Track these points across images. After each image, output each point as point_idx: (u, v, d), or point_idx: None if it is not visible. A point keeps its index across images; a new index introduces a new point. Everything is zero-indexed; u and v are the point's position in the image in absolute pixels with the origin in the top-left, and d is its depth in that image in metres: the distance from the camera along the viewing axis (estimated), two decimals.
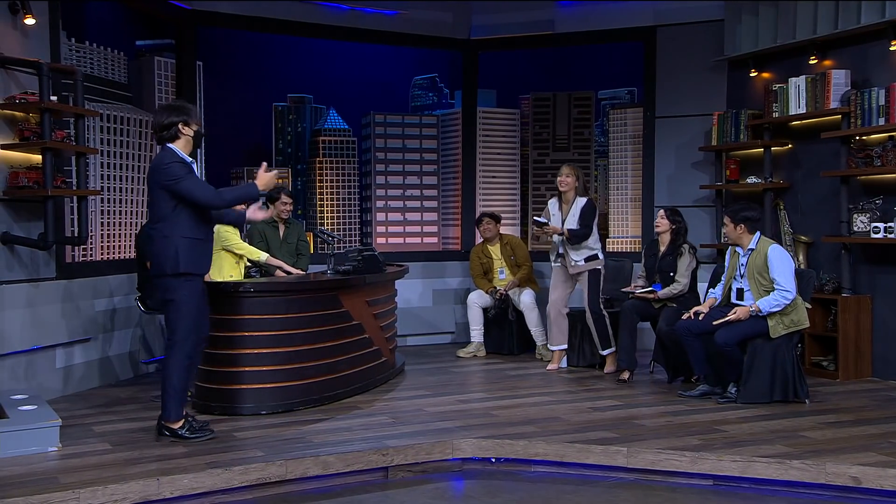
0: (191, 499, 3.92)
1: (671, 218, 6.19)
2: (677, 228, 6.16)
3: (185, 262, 4.41)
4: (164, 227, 4.44)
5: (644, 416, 5.06)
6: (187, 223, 4.43)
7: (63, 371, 5.71)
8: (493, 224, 7.48)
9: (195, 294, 4.50)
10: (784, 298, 5.24)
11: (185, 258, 4.41)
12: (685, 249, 6.11)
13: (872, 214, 5.99)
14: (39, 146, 5.16)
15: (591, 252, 6.48)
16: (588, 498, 4.07)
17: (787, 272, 5.28)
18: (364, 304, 5.82)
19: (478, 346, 7.34)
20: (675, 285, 6.07)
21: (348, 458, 4.27)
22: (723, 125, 7.18)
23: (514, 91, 8.74)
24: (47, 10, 5.56)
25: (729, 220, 5.50)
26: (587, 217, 6.43)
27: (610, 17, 7.85)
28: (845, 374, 6.10)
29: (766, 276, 5.33)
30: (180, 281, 4.43)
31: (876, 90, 5.93)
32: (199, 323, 4.55)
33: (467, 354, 7.30)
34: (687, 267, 6.05)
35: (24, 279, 5.36)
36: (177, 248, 4.40)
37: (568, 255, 6.47)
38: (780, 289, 5.25)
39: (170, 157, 4.43)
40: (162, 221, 4.45)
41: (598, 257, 6.50)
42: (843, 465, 4.02)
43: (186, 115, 4.49)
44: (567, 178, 6.49)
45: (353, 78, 8.47)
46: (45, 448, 4.31)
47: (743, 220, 5.44)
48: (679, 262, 6.12)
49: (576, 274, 6.53)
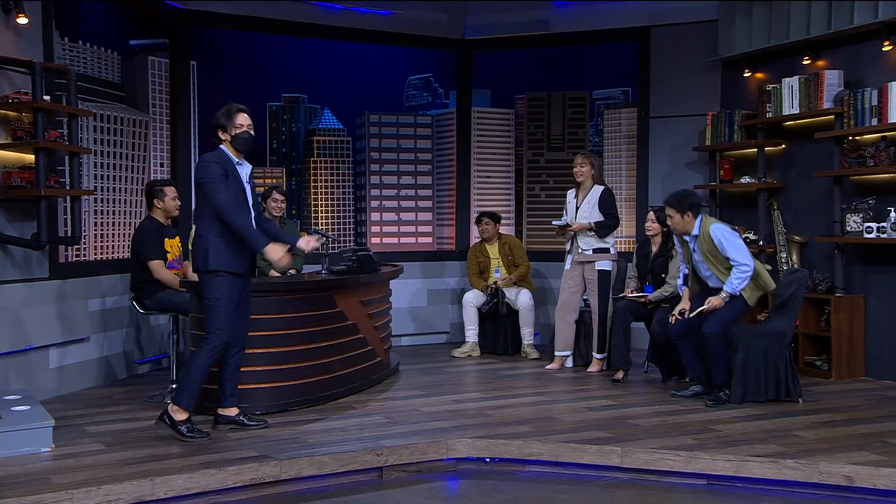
0: (185, 499, 3.91)
1: (661, 220, 6.15)
2: (668, 230, 6.08)
3: (214, 259, 4.49)
4: (200, 224, 4.58)
5: (638, 415, 5.07)
6: (217, 223, 4.50)
7: (56, 371, 5.69)
8: (493, 224, 7.48)
9: (226, 292, 4.52)
10: (745, 273, 5.28)
11: (214, 256, 4.49)
12: (676, 251, 6.07)
13: (865, 214, 6.01)
14: (32, 146, 5.14)
15: (603, 244, 6.41)
16: (582, 498, 4.07)
17: (737, 247, 5.32)
18: (359, 304, 5.82)
19: (472, 345, 7.35)
20: (667, 287, 6.08)
21: (343, 459, 4.27)
22: (717, 125, 7.19)
23: (509, 91, 8.75)
24: (40, 10, 5.54)
25: (675, 211, 5.42)
26: (607, 206, 6.38)
27: (604, 18, 7.87)
28: (838, 374, 6.12)
29: (718, 256, 5.37)
30: (210, 277, 4.51)
31: (869, 90, 5.95)
32: (230, 322, 4.55)
33: (462, 354, 7.30)
34: (678, 269, 6.02)
35: (18, 279, 5.34)
36: (207, 246, 4.50)
37: (576, 243, 6.44)
38: (737, 265, 5.29)
39: (211, 157, 4.56)
40: (199, 219, 4.59)
41: (608, 251, 6.41)
42: (837, 465, 4.04)
43: (225, 120, 4.60)
44: (581, 167, 6.46)
45: (347, 78, 8.46)
46: (39, 448, 4.30)
47: (689, 207, 5.42)
48: (671, 264, 6.12)
49: (583, 263, 6.43)
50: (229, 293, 4.54)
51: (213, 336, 4.52)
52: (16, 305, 5.29)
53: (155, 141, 7.02)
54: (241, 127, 4.62)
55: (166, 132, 7.10)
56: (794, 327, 5.60)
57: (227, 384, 4.76)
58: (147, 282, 5.56)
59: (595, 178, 6.47)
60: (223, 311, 4.52)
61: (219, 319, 4.51)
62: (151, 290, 5.56)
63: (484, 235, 7.50)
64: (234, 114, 4.62)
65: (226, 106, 4.67)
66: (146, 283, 5.56)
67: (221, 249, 4.50)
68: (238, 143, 4.61)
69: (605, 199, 6.41)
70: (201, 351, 4.54)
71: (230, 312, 4.55)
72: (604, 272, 6.42)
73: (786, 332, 5.44)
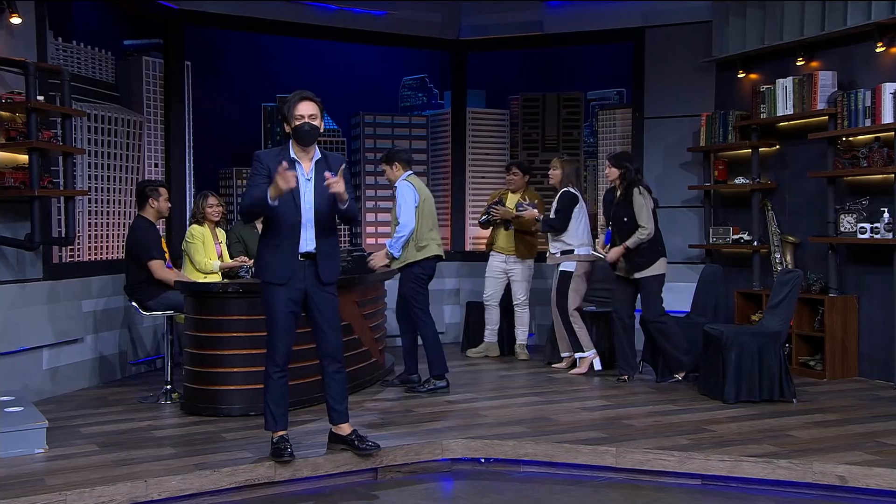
0: (179, 500, 3.90)
1: (617, 163, 6.05)
2: (624, 173, 5.99)
3: (258, 267, 4.23)
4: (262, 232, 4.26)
5: (633, 416, 5.08)
6: (267, 227, 4.17)
7: (50, 372, 5.67)
8: (520, 176, 7.08)
9: (273, 302, 4.11)
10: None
11: (258, 263, 4.22)
12: (637, 192, 5.90)
13: (859, 215, 6.03)
14: (26, 146, 5.13)
15: (567, 247, 6.45)
16: (577, 498, 4.08)
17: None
18: (353, 305, 5.81)
19: (488, 346, 7.24)
20: (641, 231, 5.86)
21: (337, 460, 4.26)
22: (711, 126, 7.21)
23: (504, 91, 8.76)
24: (34, 10, 5.52)
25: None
26: (558, 206, 6.44)
27: (599, 18, 7.87)
28: (832, 374, 6.13)
29: None
30: (263, 286, 4.17)
31: (862, 91, 5.97)
32: (283, 338, 4.13)
33: (477, 354, 7.26)
34: (645, 209, 5.86)
35: (11, 280, 5.32)
36: (257, 254, 4.25)
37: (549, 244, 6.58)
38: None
39: (258, 155, 4.18)
40: None
41: (572, 252, 6.42)
42: (830, 465, 4.05)
43: (286, 111, 4.10)
44: (553, 170, 6.60)
45: (342, 78, 8.46)
46: (32, 450, 4.28)
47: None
48: (634, 208, 5.91)
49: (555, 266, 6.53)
50: (276, 304, 4.10)
51: (271, 352, 4.15)
52: (9, 306, 5.27)
53: (149, 141, 7.00)
54: (302, 118, 4.07)
55: (160, 132, 7.09)
56: (787, 327, 5.62)
57: (326, 400, 4.32)
58: (149, 282, 5.53)
59: (564, 181, 6.50)
60: (270, 326, 4.14)
61: (272, 332, 4.14)
62: (154, 291, 5.53)
63: (510, 186, 7.12)
64: (295, 103, 4.08)
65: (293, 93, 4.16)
66: (148, 284, 5.53)
67: (262, 256, 4.17)
68: (297, 136, 4.10)
69: (560, 200, 6.47)
70: (266, 368, 4.19)
71: (282, 327, 4.11)
72: (565, 273, 6.45)
73: (780, 333, 5.46)
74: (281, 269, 4.10)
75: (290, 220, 4.09)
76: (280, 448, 4.15)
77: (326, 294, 4.20)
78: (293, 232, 4.10)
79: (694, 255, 7.51)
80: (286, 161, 3.99)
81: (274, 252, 4.11)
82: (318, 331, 4.22)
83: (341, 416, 4.30)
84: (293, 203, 4.08)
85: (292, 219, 4.09)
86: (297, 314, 4.19)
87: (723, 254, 7.28)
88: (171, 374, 5.56)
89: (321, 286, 4.17)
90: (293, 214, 4.09)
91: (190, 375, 5.19)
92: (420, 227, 5.74)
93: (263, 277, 4.15)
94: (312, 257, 4.15)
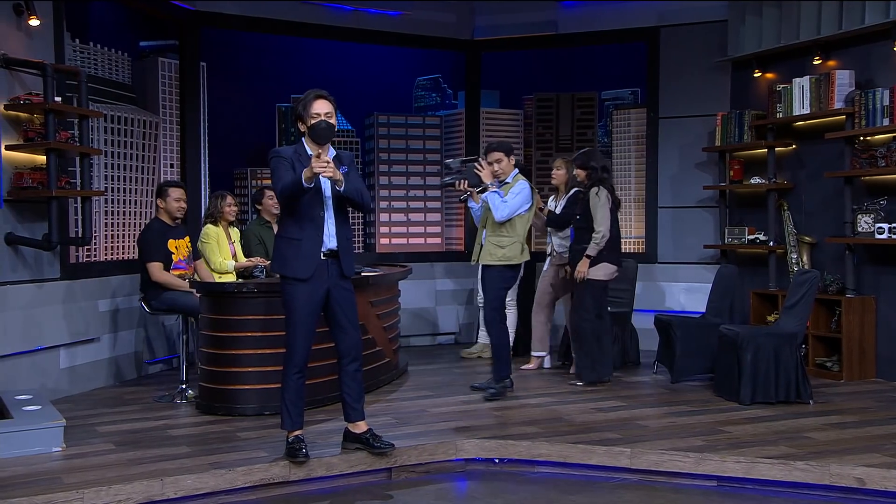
0: (194, 499, 3.92)
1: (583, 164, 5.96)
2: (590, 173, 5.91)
3: (276, 262, 4.17)
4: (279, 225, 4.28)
5: (647, 416, 5.06)
6: (286, 221, 4.16)
7: (67, 371, 5.72)
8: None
9: (294, 299, 4.06)
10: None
11: (276, 259, 4.17)
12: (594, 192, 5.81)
13: (876, 215, 5.98)
14: (43, 147, 5.17)
15: None
16: (591, 499, 4.07)
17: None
18: (367, 305, 5.82)
19: (482, 346, 7.32)
20: (594, 236, 5.79)
21: (352, 459, 4.27)
22: (726, 126, 7.17)
23: (518, 92, 8.75)
24: (51, 12, 5.57)
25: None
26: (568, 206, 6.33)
27: (613, 18, 7.85)
28: (849, 375, 6.09)
29: None
30: (282, 282, 4.13)
31: (880, 91, 5.92)
32: (304, 335, 4.09)
33: (471, 355, 7.28)
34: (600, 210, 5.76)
35: (28, 280, 5.37)
36: (275, 248, 4.22)
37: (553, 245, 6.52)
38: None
39: (274, 151, 4.14)
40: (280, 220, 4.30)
41: None
42: (848, 467, 4.02)
43: (301, 109, 4.08)
44: (557, 170, 6.54)
45: (356, 79, 8.47)
46: (49, 448, 4.32)
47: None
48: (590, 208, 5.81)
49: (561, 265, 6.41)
50: (297, 301, 4.06)
51: (290, 350, 4.11)
52: (27, 306, 5.32)
53: (165, 142, 7.05)
54: (318, 116, 4.05)
55: (176, 133, 7.13)
56: (804, 328, 5.57)
57: (343, 397, 4.29)
58: (151, 282, 5.58)
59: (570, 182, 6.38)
60: (291, 322, 4.09)
61: (292, 330, 4.09)
62: (156, 291, 5.57)
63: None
64: (311, 102, 4.06)
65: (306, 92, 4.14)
66: (150, 284, 5.58)
67: (281, 251, 4.12)
68: (314, 134, 4.06)
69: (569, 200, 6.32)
70: (284, 367, 4.14)
71: (303, 327, 4.07)
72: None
73: (796, 334, 5.42)
74: (303, 263, 4.06)
75: (312, 213, 4.07)
76: (295, 448, 4.16)
77: (347, 291, 4.21)
78: (315, 225, 4.08)
79: (709, 256, 7.47)
80: None
81: (295, 247, 4.07)
82: (339, 328, 4.20)
83: (358, 413, 4.31)
84: (317, 195, 4.07)
85: (314, 211, 4.07)
86: (318, 314, 4.18)
87: (738, 254, 7.24)
88: (186, 374, 5.59)
89: (343, 282, 4.18)
90: (316, 207, 4.07)
91: (205, 375, 5.22)
92: (525, 231, 5.71)
93: (285, 272, 4.09)
94: (335, 255, 4.14)
